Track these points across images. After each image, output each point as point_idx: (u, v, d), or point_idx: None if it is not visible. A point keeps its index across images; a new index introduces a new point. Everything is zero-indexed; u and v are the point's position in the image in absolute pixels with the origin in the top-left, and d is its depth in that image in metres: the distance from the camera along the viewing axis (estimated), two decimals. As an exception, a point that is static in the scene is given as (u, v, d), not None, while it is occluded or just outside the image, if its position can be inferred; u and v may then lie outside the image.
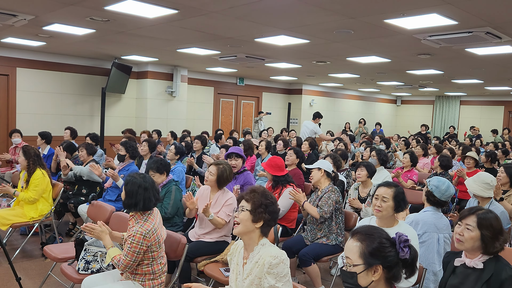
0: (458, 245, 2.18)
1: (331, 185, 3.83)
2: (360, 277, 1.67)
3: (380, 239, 1.70)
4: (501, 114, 15.32)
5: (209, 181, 3.63)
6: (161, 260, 2.81)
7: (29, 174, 4.34)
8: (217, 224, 3.45)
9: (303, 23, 5.19)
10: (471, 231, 2.14)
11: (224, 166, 3.64)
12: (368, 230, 1.74)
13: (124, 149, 4.99)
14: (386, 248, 1.68)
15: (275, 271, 2.10)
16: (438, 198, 3.12)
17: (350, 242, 1.73)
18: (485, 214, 2.17)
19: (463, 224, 2.19)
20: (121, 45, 7.49)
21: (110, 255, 2.68)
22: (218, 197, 3.62)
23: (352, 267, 1.68)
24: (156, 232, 2.72)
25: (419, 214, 3.16)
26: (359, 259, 1.68)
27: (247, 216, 2.19)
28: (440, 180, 3.18)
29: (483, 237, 2.11)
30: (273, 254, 2.13)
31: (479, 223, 2.14)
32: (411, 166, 5.81)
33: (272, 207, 2.25)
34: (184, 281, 3.42)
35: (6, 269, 3.98)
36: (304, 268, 3.62)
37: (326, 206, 3.65)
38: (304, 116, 13.96)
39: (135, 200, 2.71)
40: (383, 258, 1.66)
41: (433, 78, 10.56)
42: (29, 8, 5.05)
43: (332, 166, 4.05)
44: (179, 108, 10.66)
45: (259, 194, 2.25)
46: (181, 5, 4.62)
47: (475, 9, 4.26)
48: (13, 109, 8.61)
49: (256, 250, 2.21)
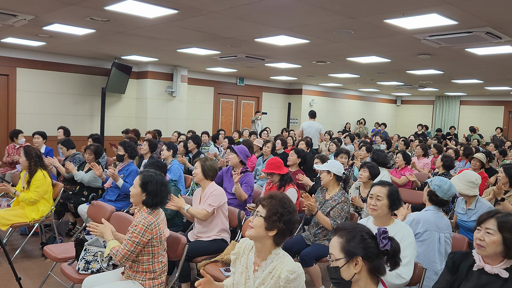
0: (480, 250, 2.09)
1: (343, 193, 3.71)
2: (343, 271, 1.74)
3: (360, 232, 1.77)
4: (501, 114, 15.32)
5: (197, 176, 3.75)
6: (161, 258, 2.81)
7: (31, 175, 4.33)
8: (195, 214, 3.54)
9: (303, 23, 5.19)
10: (492, 235, 2.06)
11: (206, 158, 3.83)
12: (349, 226, 1.81)
13: (123, 149, 4.99)
14: (365, 240, 1.75)
15: (292, 286, 2.04)
16: (440, 198, 3.14)
17: (334, 239, 1.81)
18: (505, 216, 2.09)
19: (482, 229, 2.10)
20: (121, 45, 7.49)
21: (109, 246, 2.69)
22: (206, 192, 3.69)
23: (334, 262, 1.76)
24: (159, 226, 2.73)
25: (420, 213, 3.17)
26: (340, 253, 1.75)
27: (260, 222, 2.09)
28: (442, 180, 3.19)
29: (505, 240, 2.03)
30: (291, 268, 2.05)
31: (500, 226, 2.05)
32: (404, 165, 5.94)
33: (288, 216, 2.10)
34: (184, 281, 3.43)
35: (6, 269, 3.98)
36: (305, 268, 3.61)
37: (339, 218, 3.59)
38: (304, 116, 13.95)
39: (160, 198, 2.78)
40: (362, 249, 1.73)
41: (433, 78, 10.56)
42: (29, 8, 5.05)
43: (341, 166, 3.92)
44: (179, 108, 10.66)
45: (276, 201, 2.13)
46: (181, 5, 4.62)
47: (475, 9, 4.26)
48: (13, 109, 8.61)
49: (269, 260, 2.13)
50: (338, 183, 3.77)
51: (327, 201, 3.72)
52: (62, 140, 5.69)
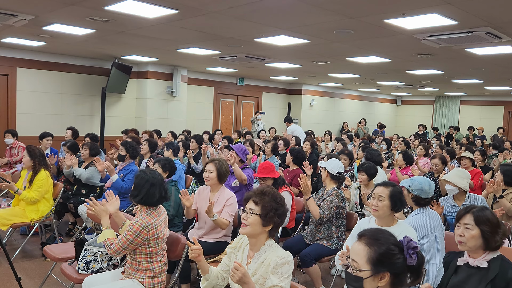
0: (461, 246, 2.17)
1: (336, 188, 3.80)
2: (366, 282, 1.64)
3: (388, 244, 1.65)
4: (501, 114, 15.32)
5: (210, 179, 3.59)
6: (160, 258, 2.82)
7: (34, 174, 4.33)
8: (221, 224, 3.43)
9: (303, 23, 5.19)
10: (471, 229, 2.13)
11: (220, 161, 3.68)
12: (376, 234, 1.70)
13: (124, 149, 5.00)
14: (395, 255, 1.64)
15: (279, 271, 2.10)
16: (426, 199, 3.17)
17: (357, 244, 1.69)
18: (480, 210, 2.17)
19: (461, 225, 2.19)
20: (121, 45, 7.49)
21: (104, 235, 2.73)
22: (219, 196, 3.60)
23: (359, 272, 1.64)
24: (157, 228, 2.73)
25: (413, 219, 3.11)
26: (366, 264, 1.64)
27: (257, 220, 2.15)
28: (421, 183, 3.16)
29: (483, 233, 2.11)
30: (279, 254, 2.14)
31: (477, 220, 2.13)
32: (405, 164, 5.98)
33: (281, 209, 2.20)
34: (184, 282, 3.43)
35: (6, 269, 3.98)
36: (305, 268, 3.62)
37: (327, 210, 3.64)
38: (304, 116, 13.97)
39: (138, 192, 2.78)
40: (391, 265, 1.63)
41: (433, 78, 10.56)
42: (29, 8, 5.05)
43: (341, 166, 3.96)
44: (179, 108, 10.66)
45: (269, 197, 2.19)
46: (181, 5, 4.62)
47: (475, 9, 4.26)
48: (13, 109, 8.61)
49: (262, 251, 2.21)
50: (334, 180, 3.86)
51: (323, 196, 3.82)
52: (69, 144, 5.57)
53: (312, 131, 11.34)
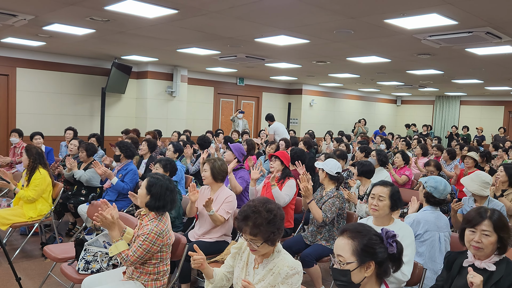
0: (478, 252, 2.14)
1: (335, 189, 3.78)
2: (354, 274, 1.69)
3: (370, 235, 1.73)
4: (501, 114, 15.32)
5: (206, 178, 3.68)
6: (167, 261, 2.83)
7: (31, 173, 4.33)
8: (216, 220, 3.47)
9: (303, 23, 5.18)
10: (490, 236, 2.11)
11: (214, 159, 3.72)
12: (357, 228, 1.77)
13: (119, 149, 4.98)
14: (377, 243, 1.72)
15: (289, 282, 2.09)
16: (437, 198, 3.18)
17: (340, 240, 1.75)
18: (498, 216, 2.16)
19: (477, 231, 2.14)
20: (121, 45, 7.49)
21: (118, 248, 2.61)
22: (219, 194, 3.65)
23: (345, 265, 1.70)
24: (168, 233, 2.75)
25: (419, 214, 3.19)
26: (352, 257, 1.70)
27: (264, 246, 2.10)
28: (437, 181, 3.21)
29: (501, 239, 2.11)
30: (290, 265, 2.11)
31: (496, 226, 2.12)
32: (403, 164, 6.00)
33: (279, 222, 2.11)
34: (184, 282, 3.43)
35: (6, 269, 3.98)
36: (306, 268, 3.61)
37: (330, 212, 3.62)
38: (304, 116, 13.97)
39: (163, 202, 2.75)
40: (374, 254, 1.70)
41: (433, 78, 10.56)
42: (29, 8, 5.04)
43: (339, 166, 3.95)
44: (179, 108, 10.66)
45: (263, 220, 2.05)
46: (181, 5, 4.62)
47: (475, 9, 4.26)
48: (13, 109, 8.61)
49: (271, 257, 2.18)
50: (333, 181, 3.83)
51: (323, 197, 3.80)
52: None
53: (312, 131, 11.35)
